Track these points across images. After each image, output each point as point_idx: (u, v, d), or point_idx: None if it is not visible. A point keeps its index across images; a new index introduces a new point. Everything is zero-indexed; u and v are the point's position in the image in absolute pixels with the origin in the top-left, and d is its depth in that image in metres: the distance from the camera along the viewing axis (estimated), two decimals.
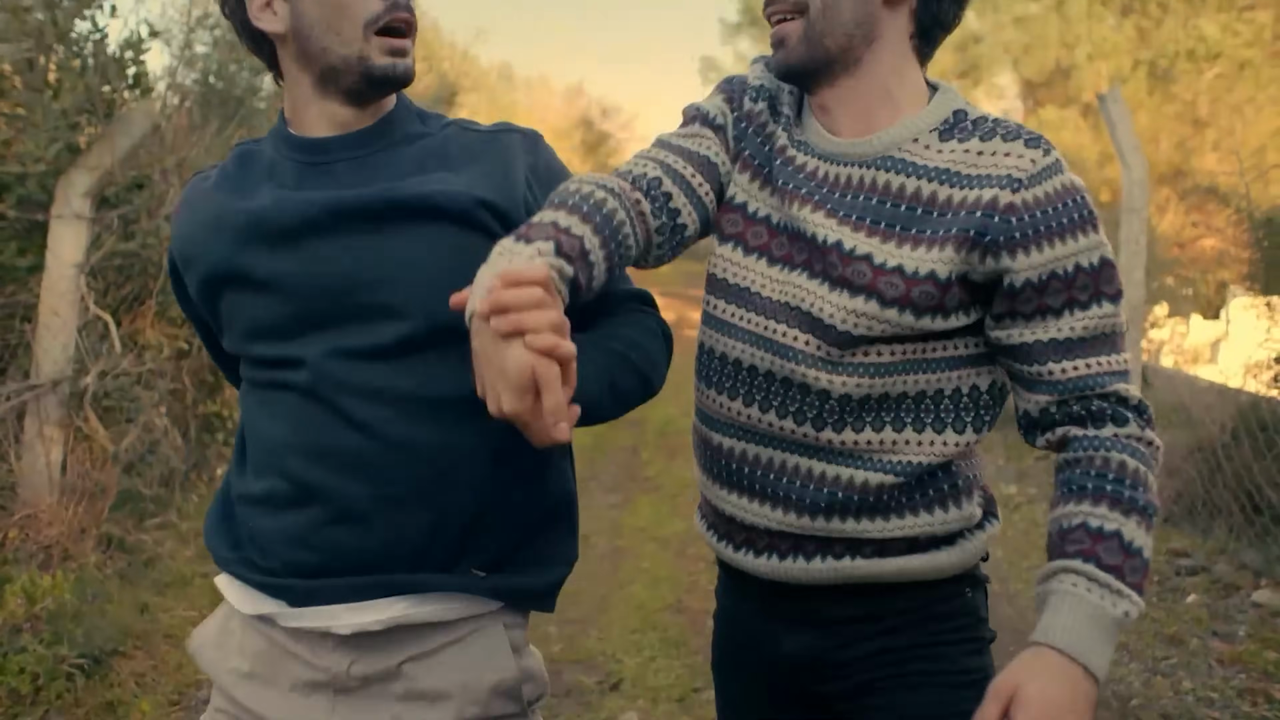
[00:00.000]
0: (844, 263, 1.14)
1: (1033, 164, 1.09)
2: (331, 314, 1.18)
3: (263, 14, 1.21)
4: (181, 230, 1.29)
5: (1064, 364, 1.12)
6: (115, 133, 3.60)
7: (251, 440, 1.26)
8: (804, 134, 1.24)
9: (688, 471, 5.86)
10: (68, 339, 3.63)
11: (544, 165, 1.28)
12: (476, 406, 1.05)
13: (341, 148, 1.24)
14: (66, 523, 3.47)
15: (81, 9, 4.03)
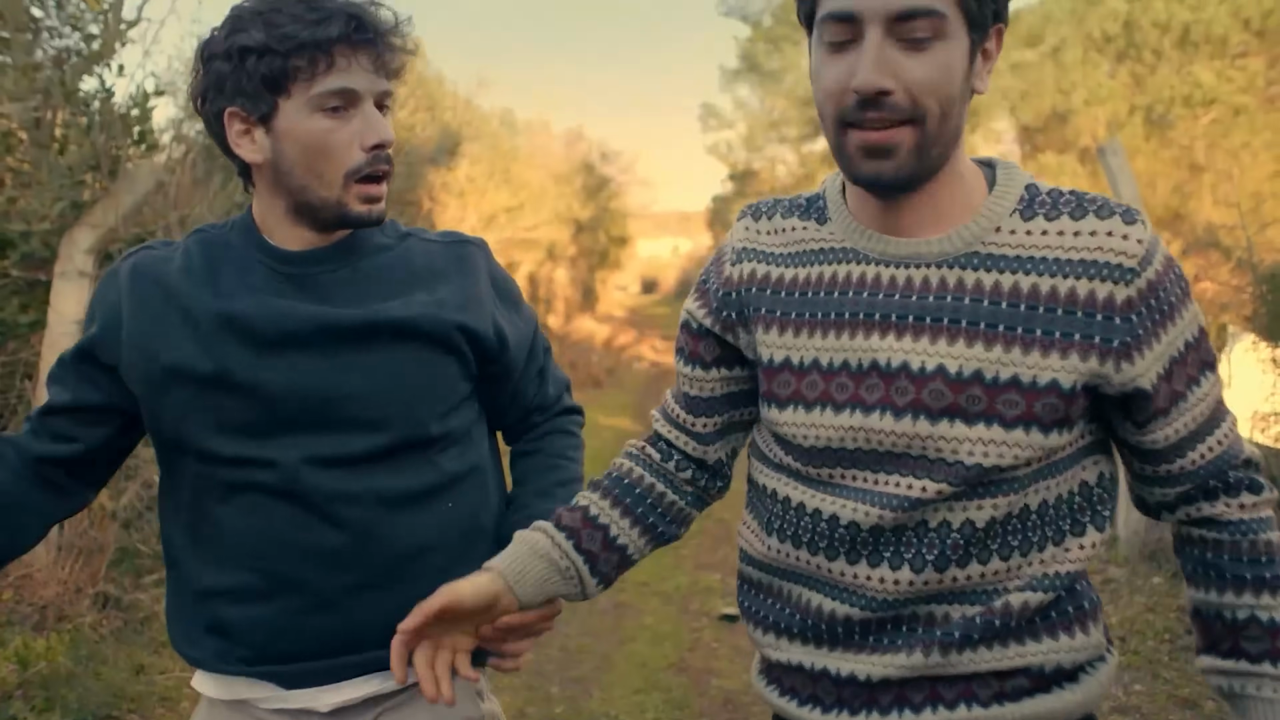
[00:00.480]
0: (953, 390, 1.01)
1: (1139, 244, 1.00)
2: (308, 421, 1.24)
3: (241, 141, 1.23)
4: (134, 309, 1.25)
5: (1200, 449, 1.06)
6: (120, 190, 3.61)
7: (212, 535, 1.27)
8: (845, 239, 1.10)
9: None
10: None
11: (498, 273, 1.41)
12: (440, 494, 1.28)
13: (315, 262, 1.28)
14: (63, 582, 3.43)
15: (90, 66, 4.07)
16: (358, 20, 1.18)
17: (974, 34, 0.99)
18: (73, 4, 4.28)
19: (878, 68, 0.95)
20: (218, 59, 1.20)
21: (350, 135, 1.20)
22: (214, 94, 1.22)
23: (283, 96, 1.19)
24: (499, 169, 12.37)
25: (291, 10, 1.17)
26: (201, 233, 1.32)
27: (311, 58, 1.17)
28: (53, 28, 4.26)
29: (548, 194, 15.48)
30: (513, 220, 12.97)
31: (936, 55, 0.96)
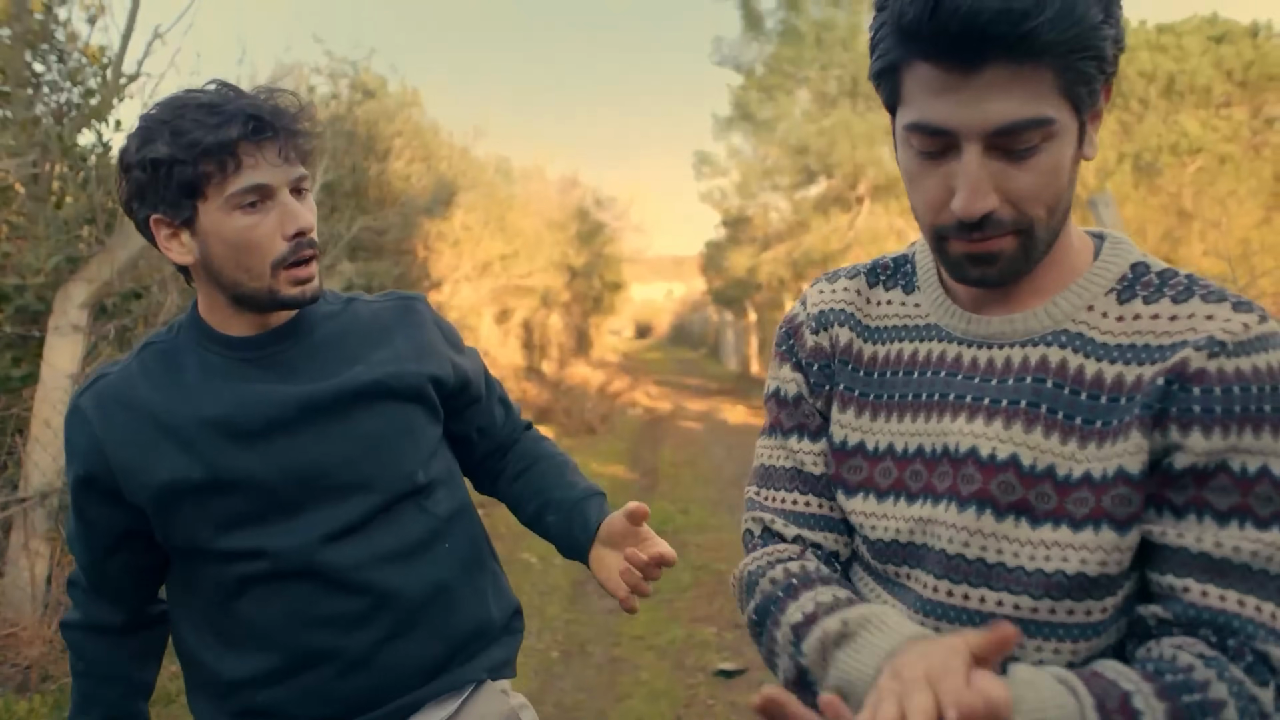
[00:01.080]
0: (1025, 484, 0.91)
1: (1245, 328, 0.86)
2: (304, 499, 1.28)
3: (170, 245, 1.27)
4: (113, 438, 1.27)
5: (1207, 587, 0.86)
6: (115, 245, 3.62)
7: (231, 628, 1.31)
8: (930, 315, 1.02)
9: (685, 574, 5.76)
10: (58, 450, 3.59)
11: (442, 321, 1.49)
12: (438, 537, 1.36)
13: (274, 342, 1.33)
14: (48, 641, 3.37)
15: (88, 120, 4.10)
16: (256, 119, 1.21)
17: (1084, 112, 0.86)
18: (74, 59, 4.33)
19: (980, 192, 0.85)
20: (134, 169, 1.23)
21: (270, 228, 1.24)
22: (137, 203, 1.26)
23: (200, 200, 1.22)
24: (494, 217, 12.45)
25: (194, 116, 1.20)
26: (150, 345, 1.35)
27: (219, 161, 1.20)
28: (53, 82, 4.30)
29: (543, 241, 15.56)
30: (507, 268, 13.02)
31: (1044, 160, 0.85)
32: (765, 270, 16.41)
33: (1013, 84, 0.81)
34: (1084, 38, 0.81)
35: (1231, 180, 12.47)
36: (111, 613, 1.38)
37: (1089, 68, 0.83)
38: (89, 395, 1.30)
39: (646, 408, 15.24)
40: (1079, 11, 0.79)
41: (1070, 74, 0.82)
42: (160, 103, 1.26)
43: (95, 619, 1.38)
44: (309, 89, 7.75)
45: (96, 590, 1.37)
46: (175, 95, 1.26)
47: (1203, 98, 13.90)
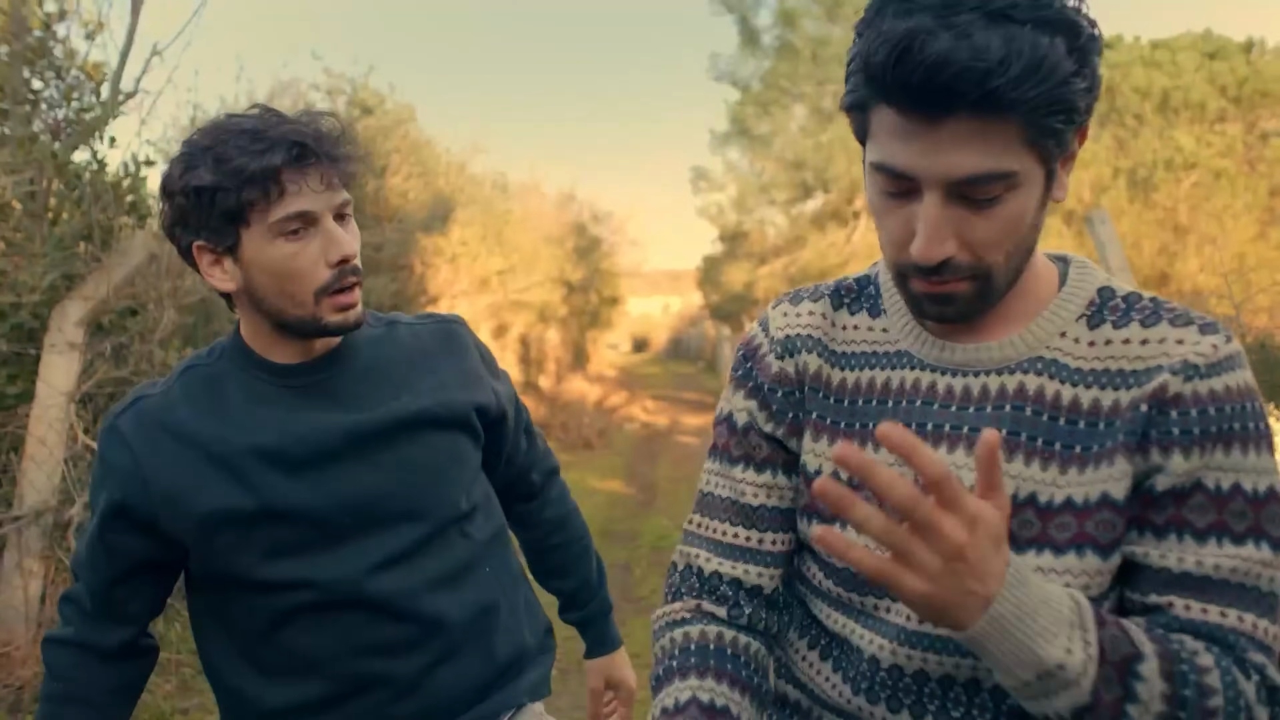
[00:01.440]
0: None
1: (1213, 350, 0.89)
2: (353, 529, 1.28)
3: (213, 271, 1.26)
4: (155, 464, 1.24)
5: (1189, 602, 0.88)
6: (112, 262, 3.61)
7: (274, 657, 1.30)
8: (900, 340, 1.01)
9: None
10: (54, 469, 3.57)
11: (481, 346, 1.50)
12: (479, 562, 1.37)
13: (319, 369, 1.32)
14: (41, 661, 3.35)
15: (85, 137, 4.10)
16: (299, 145, 1.21)
17: (1052, 162, 0.87)
18: (71, 76, 4.34)
19: (937, 239, 0.86)
20: (177, 195, 1.23)
21: (314, 255, 1.23)
22: (180, 229, 1.25)
23: (243, 227, 1.22)
24: (491, 232, 12.46)
25: (237, 143, 1.20)
26: (191, 369, 1.32)
27: (263, 188, 1.19)
28: (51, 99, 4.30)
29: (540, 256, 15.57)
30: (504, 283, 13.03)
31: (1006, 209, 0.85)
32: (762, 285, 16.45)
33: (976, 137, 0.81)
34: (1052, 93, 0.80)
35: (1227, 195, 12.51)
36: (108, 635, 1.32)
37: (1057, 122, 0.83)
38: (128, 417, 1.27)
39: (644, 422, 15.22)
40: (1046, 68, 0.79)
41: (1037, 128, 0.82)
42: (204, 128, 1.26)
43: (88, 639, 1.32)
44: (307, 105, 7.77)
45: (98, 613, 1.32)
46: (219, 121, 1.25)
47: (1197, 113, 13.97)
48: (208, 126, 1.26)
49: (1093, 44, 0.83)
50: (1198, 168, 12.83)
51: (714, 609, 1.05)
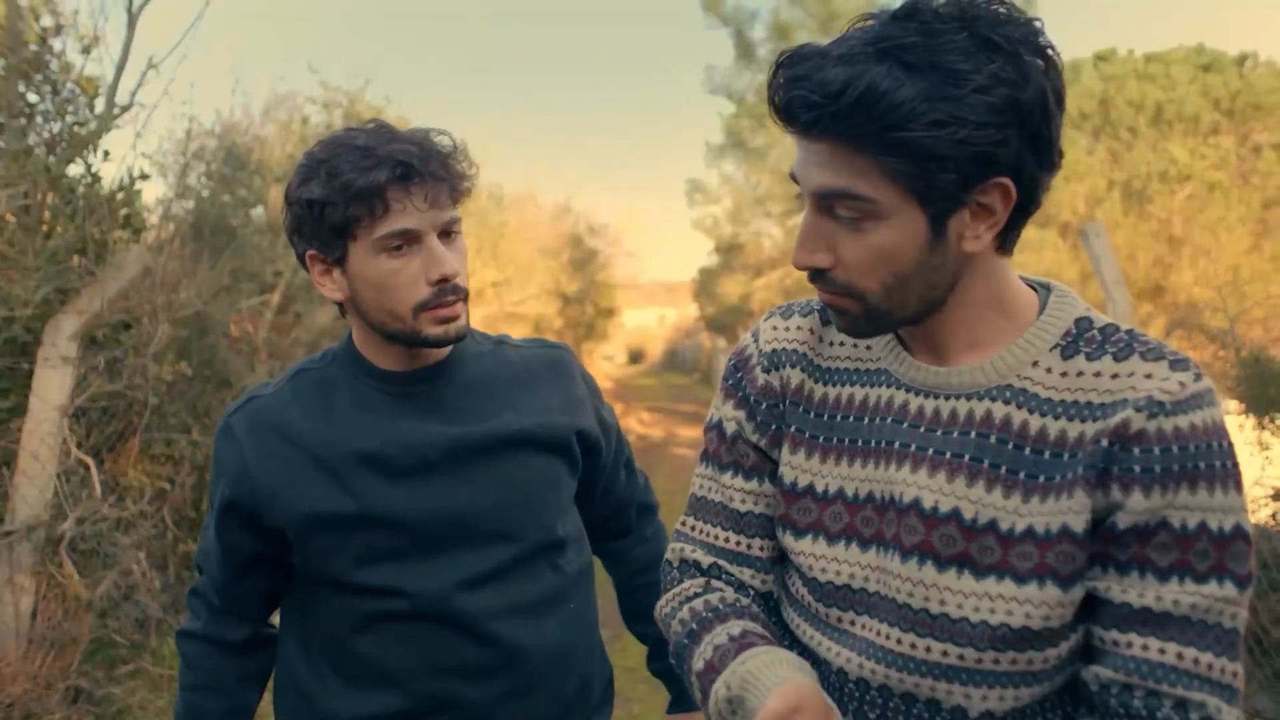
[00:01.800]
0: (966, 537, 0.92)
1: (1180, 387, 0.88)
2: (446, 542, 1.30)
3: (324, 281, 1.30)
4: (261, 463, 1.29)
5: (1147, 640, 0.88)
6: (106, 275, 3.60)
7: (351, 663, 1.32)
8: (881, 359, 1.03)
9: None
10: (46, 483, 3.55)
11: (587, 374, 1.50)
12: (565, 596, 1.37)
13: (426, 379, 1.34)
14: (32, 677, 3.32)
15: (79, 151, 4.10)
16: (405, 165, 1.22)
17: (935, 207, 0.88)
18: (67, 89, 4.33)
19: (805, 245, 0.92)
20: (294, 205, 1.27)
21: (414, 272, 1.25)
22: (297, 238, 1.30)
23: (350, 240, 1.25)
24: (486, 244, 12.47)
25: (349, 158, 1.22)
26: (304, 373, 1.37)
27: (368, 204, 1.21)
28: (46, 112, 4.30)
29: (535, 268, 15.58)
30: (500, 295, 13.03)
31: (870, 238, 0.89)
32: (758, 297, 16.45)
33: (830, 157, 0.88)
34: (888, 133, 0.83)
35: (1221, 207, 12.55)
36: (234, 629, 1.41)
37: (920, 165, 0.84)
38: (241, 416, 1.33)
39: (639, 435, 15.19)
40: (881, 107, 0.82)
41: (900, 167, 0.85)
42: (323, 141, 1.29)
43: (216, 633, 1.41)
44: (302, 119, 7.78)
45: (225, 608, 1.41)
46: (336, 134, 1.29)
47: (1191, 126, 14.02)
48: (326, 139, 1.28)
49: (978, 98, 0.82)
50: (1192, 180, 12.87)
51: (722, 587, 1.09)
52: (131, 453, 4.09)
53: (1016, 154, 0.86)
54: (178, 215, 5.56)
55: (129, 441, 4.10)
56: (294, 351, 5.90)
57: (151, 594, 4.05)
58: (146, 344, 3.95)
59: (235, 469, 1.30)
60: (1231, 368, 4.12)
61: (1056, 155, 0.91)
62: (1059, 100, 0.89)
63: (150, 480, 4.13)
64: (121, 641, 3.89)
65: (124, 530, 3.82)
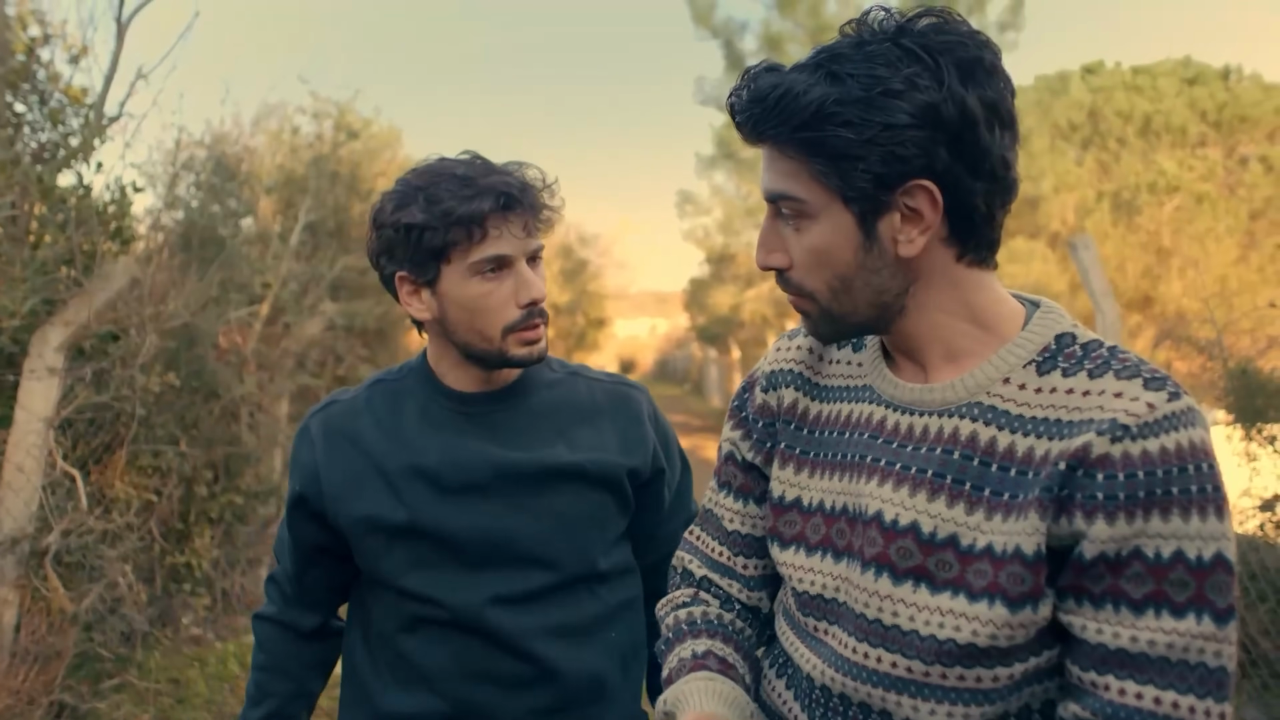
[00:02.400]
0: (924, 551, 0.93)
1: (1149, 409, 0.85)
2: (490, 561, 1.35)
3: (411, 301, 1.36)
4: (330, 464, 1.38)
5: (1125, 683, 0.85)
6: (94, 287, 3.58)
7: (396, 661, 1.39)
8: (867, 375, 1.06)
9: None
10: (31, 495, 3.52)
11: (661, 419, 1.52)
12: (606, 624, 1.40)
13: (492, 402, 1.40)
14: (14, 692, 3.29)
15: (68, 160, 4.08)
16: (506, 195, 1.29)
17: (859, 206, 0.91)
18: (55, 99, 4.32)
19: (763, 245, 0.98)
20: (387, 229, 1.33)
21: (505, 295, 1.32)
22: (386, 259, 1.35)
23: (444, 263, 1.31)
24: None
25: (448, 187, 1.29)
26: (381, 383, 1.45)
27: (467, 230, 1.29)
28: (34, 123, 4.28)
29: None
30: None
31: (807, 237, 0.94)
32: (749, 308, 16.47)
33: (771, 161, 0.95)
34: (798, 134, 0.89)
35: (1209, 219, 12.62)
36: (304, 617, 1.50)
37: (836, 165, 0.89)
38: (319, 419, 1.41)
39: None
40: (792, 110, 0.89)
41: (816, 165, 0.90)
42: (418, 169, 1.36)
43: (288, 619, 1.51)
44: (292, 129, 7.76)
45: (297, 597, 1.50)
46: (431, 164, 1.35)
47: (1178, 138, 14.11)
48: (422, 168, 1.35)
49: (890, 101, 0.87)
50: (1180, 191, 12.95)
51: (709, 599, 1.17)
52: (118, 464, 4.06)
53: (934, 157, 0.89)
54: (166, 225, 5.54)
55: (116, 453, 4.08)
56: (283, 362, 5.87)
57: (138, 607, 4.02)
58: (134, 355, 3.92)
59: (307, 468, 1.39)
60: (1220, 378, 4.14)
61: (999, 165, 0.92)
62: (992, 110, 0.90)
63: (137, 492, 4.10)
64: (107, 655, 3.86)
65: (110, 543, 3.79)
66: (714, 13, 13.31)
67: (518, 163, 1.36)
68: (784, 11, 12.91)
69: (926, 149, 0.88)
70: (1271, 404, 3.77)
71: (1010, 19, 12.25)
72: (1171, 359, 5.62)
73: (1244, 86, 14.28)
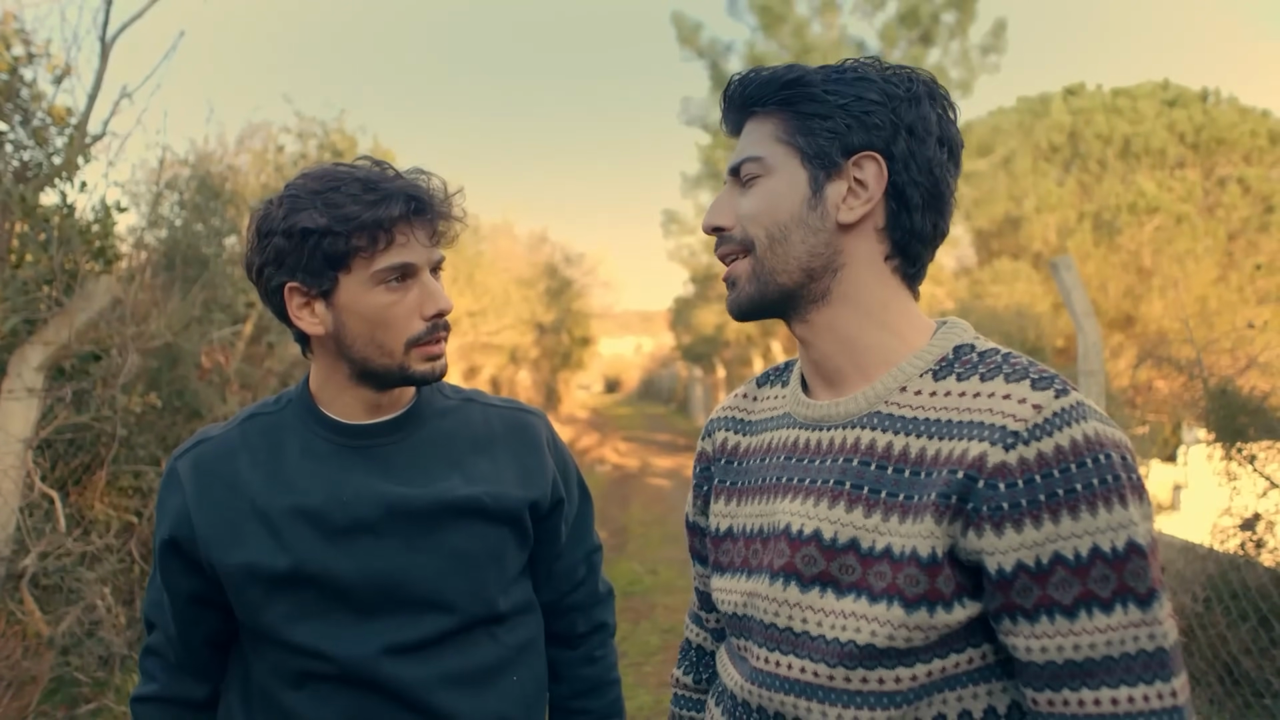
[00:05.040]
0: (826, 556, 0.95)
1: (1035, 411, 0.87)
2: (378, 606, 1.26)
3: (302, 314, 1.25)
4: (202, 508, 1.26)
5: (1081, 694, 0.87)
6: (74, 307, 3.56)
7: (276, 716, 1.28)
8: (786, 404, 1.10)
9: (653, 637, 5.67)
10: (8, 517, 3.49)
11: (559, 446, 1.46)
12: (506, 669, 1.32)
13: (381, 433, 1.30)
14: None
15: (51, 179, 4.06)
16: (416, 200, 1.22)
17: (813, 166, 1.00)
18: (38, 118, 4.30)
19: (715, 209, 1.05)
20: (276, 236, 1.21)
21: (410, 306, 1.23)
22: (273, 269, 1.23)
23: (343, 272, 1.22)
24: (462, 274, 12.46)
25: (350, 190, 1.20)
26: (256, 417, 1.32)
27: (372, 236, 1.20)
28: (17, 141, 4.26)
29: (511, 298, 15.57)
30: (475, 325, 13.00)
31: (760, 189, 1.02)
32: (733, 328, 16.52)
33: (746, 135, 1.05)
34: (791, 94, 1.00)
35: (1188, 239, 12.76)
36: (195, 687, 1.34)
37: (805, 123, 1.00)
38: (187, 460, 1.29)
39: (615, 464, 15.14)
40: (787, 79, 1.01)
41: (786, 120, 1.01)
42: (309, 174, 1.25)
43: (176, 693, 1.33)
44: (277, 148, 7.76)
45: (181, 664, 1.33)
46: (326, 168, 1.25)
47: (1158, 159, 14.28)
48: (314, 172, 1.25)
49: (865, 84, 0.99)
50: (1160, 212, 13.08)
51: (688, 680, 1.27)
52: (98, 485, 4.02)
53: (891, 139, 0.99)
54: (150, 244, 5.52)
55: (96, 474, 4.04)
56: (266, 382, 5.84)
57: (116, 630, 3.97)
58: (115, 375, 3.90)
59: (176, 512, 1.26)
60: (1200, 398, 4.17)
61: (941, 182, 1.01)
62: (945, 136, 1.01)
63: (117, 513, 4.06)
64: (84, 679, 3.81)
65: (89, 565, 3.75)
66: (700, 34, 13.41)
67: (419, 170, 1.28)
68: (769, 33, 13.02)
69: (887, 128, 0.98)
70: (1252, 423, 3.80)
71: (993, 41, 12.40)
72: (1153, 378, 5.65)
73: (1221, 110, 14.47)
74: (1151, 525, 0.89)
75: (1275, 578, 3.78)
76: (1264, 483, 3.77)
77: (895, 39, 12.79)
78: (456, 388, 1.42)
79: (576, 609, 1.47)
